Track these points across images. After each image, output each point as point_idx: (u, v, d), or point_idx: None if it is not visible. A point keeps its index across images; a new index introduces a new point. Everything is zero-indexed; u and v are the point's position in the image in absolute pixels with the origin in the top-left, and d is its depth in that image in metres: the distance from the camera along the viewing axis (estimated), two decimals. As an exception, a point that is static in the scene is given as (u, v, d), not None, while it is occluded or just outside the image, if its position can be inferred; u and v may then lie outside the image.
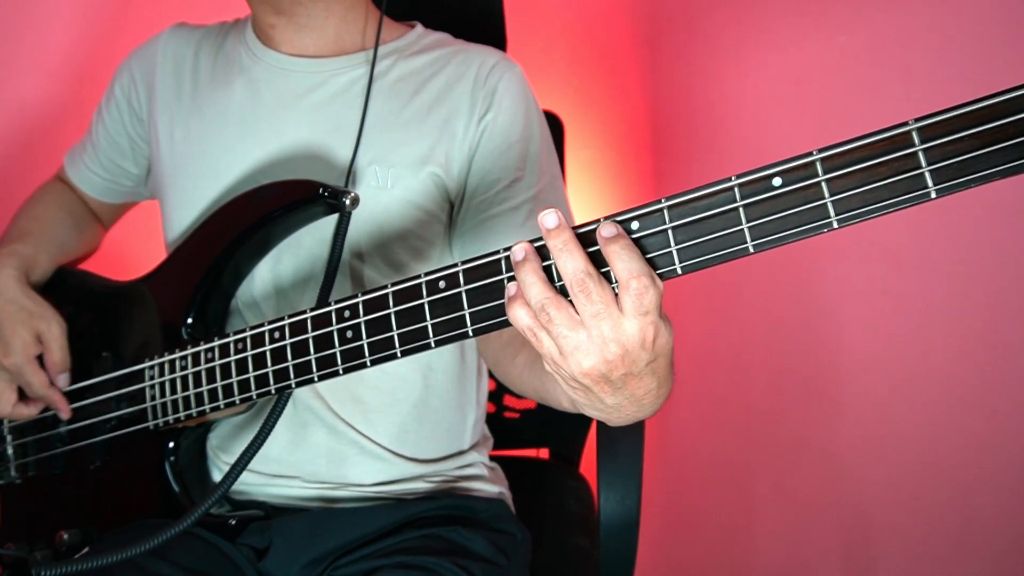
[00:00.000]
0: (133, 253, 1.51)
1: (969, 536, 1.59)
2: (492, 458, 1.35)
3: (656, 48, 2.17)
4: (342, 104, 1.18)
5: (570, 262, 0.73)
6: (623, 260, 0.71)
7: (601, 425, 1.35)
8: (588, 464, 1.52)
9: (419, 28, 1.29)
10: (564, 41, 2.21)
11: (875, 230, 1.69)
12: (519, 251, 0.76)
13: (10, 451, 1.26)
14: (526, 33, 1.80)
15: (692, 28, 2.06)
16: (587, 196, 2.17)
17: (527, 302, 0.75)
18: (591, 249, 0.75)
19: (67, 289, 1.28)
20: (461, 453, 1.26)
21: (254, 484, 1.18)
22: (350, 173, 1.14)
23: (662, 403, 0.82)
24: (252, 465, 1.16)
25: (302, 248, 1.16)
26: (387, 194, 1.14)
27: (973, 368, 1.57)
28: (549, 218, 0.74)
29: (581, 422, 1.69)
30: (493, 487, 1.27)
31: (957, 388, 1.59)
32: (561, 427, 1.72)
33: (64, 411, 1.19)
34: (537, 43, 2.11)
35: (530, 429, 1.72)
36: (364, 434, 1.17)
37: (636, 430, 1.33)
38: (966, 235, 1.56)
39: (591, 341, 0.73)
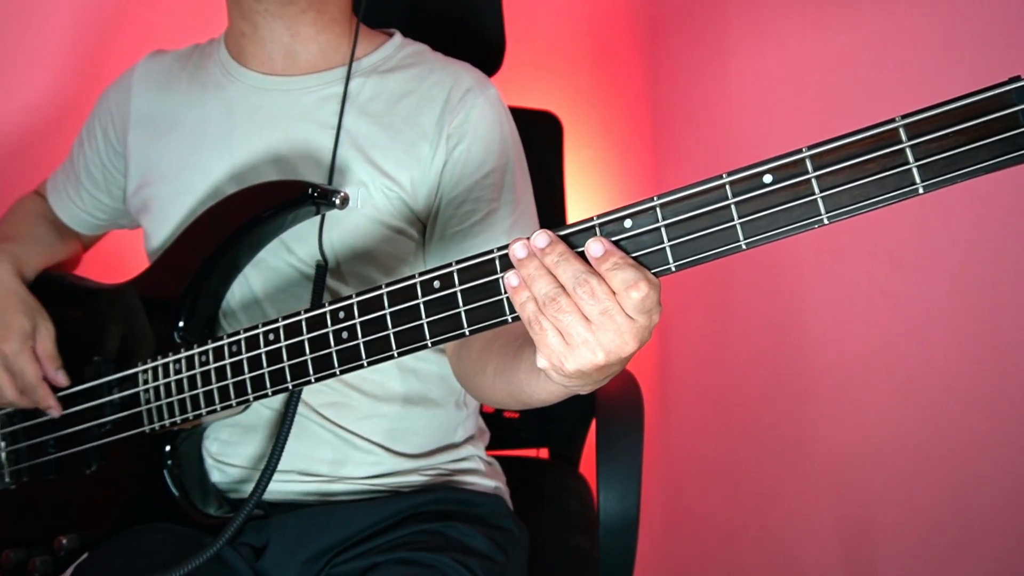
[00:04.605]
0: (133, 255, 1.50)
1: (969, 536, 1.59)
2: (492, 457, 1.35)
3: (656, 48, 2.16)
4: (314, 125, 1.18)
5: (568, 268, 0.74)
6: (617, 277, 0.73)
7: (601, 425, 1.35)
8: (588, 464, 1.52)
9: (397, 38, 1.27)
10: (564, 41, 2.21)
11: (875, 230, 1.70)
12: (520, 248, 0.76)
13: (3, 456, 1.25)
14: (526, 32, 1.80)
15: (692, 28, 2.06)
16: (587, 196, 2.17)
17: (533, 296, 0.76)
18: (579, 250, 0.76)
19: (53, 292, 1.27)
20: (455, 447, 1.27)
21: (250, 481, 1.18)
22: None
23: None
24: (247, 463, 1.18)
25: (271, 259, 1.17)
26: (357, 214, 1.15)
27: (973, 368, 1.56)
28: (540, 238, 0.76)
29: (581, 422, 1.69)
30: (489, 481, 1.28)
31: (957, 388, 1.59)
32: (561, 427, 1.72)
33: (54, 408, 1.18)
34: (537, 43, 2.11)
35: (529, 429, 1.72)
36: (356, 432, 1.18)
37: (636, 430, 1.33)
38: (966, 235, 1.56)
39: (605, 334, 0.74)
